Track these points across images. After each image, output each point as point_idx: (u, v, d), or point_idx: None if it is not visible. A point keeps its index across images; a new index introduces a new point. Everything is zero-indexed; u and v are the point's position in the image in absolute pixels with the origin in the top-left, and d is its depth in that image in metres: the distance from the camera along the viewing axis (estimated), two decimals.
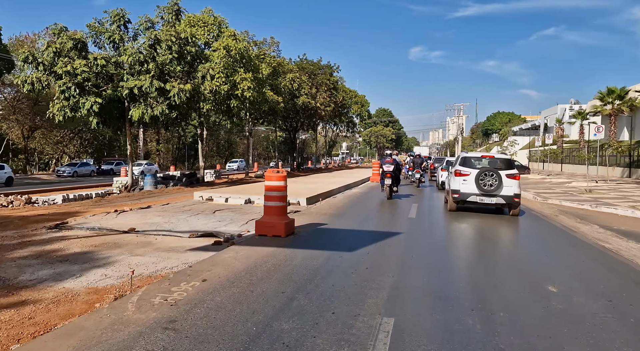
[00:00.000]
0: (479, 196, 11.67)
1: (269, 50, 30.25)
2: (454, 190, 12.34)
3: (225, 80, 22.52)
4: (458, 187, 12.21)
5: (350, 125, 58.40)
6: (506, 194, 11.47)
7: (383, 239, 8.25)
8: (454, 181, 12.49)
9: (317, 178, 26.63)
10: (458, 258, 7.07)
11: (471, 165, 12.50)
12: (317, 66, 38.93)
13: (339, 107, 42.36)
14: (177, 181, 21.08)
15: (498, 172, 11.58)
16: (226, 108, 23.77)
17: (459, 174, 12.36)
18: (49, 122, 41.42)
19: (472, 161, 12.77)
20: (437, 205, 15.24)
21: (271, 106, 29.66)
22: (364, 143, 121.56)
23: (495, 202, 11.56)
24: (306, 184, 19.97)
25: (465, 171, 12.33)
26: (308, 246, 7.27)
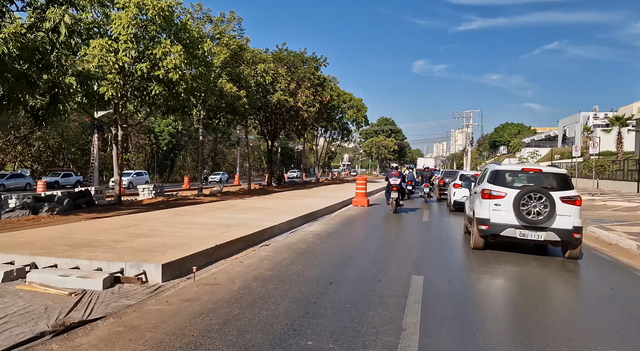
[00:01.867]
0: (520, 229, 7.98)
1: (227, 28, 23.30)
2: (482, 219, 8.42)
3: (139, 54, 15.38)
4: (487, 215, 8.37)
5: (345, 132, 51.17)
6: (561, 226, 7.83)
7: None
8: (481, 206, 8.57)
9: (281, 198, 19.32)
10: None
11: (506, 183, 8.70)
12: (299, 57, 31.87)
13: (327, 108, 35.12)
14: (56, 204, 13.74)
15: (549, 194, 7.88)
16: (147, 97, 16.58)
17: (489, 196, 8.48)
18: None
19: (508, 176, 8.92)
20: (453, 237, 10.73)
21: (228, 101, 22.49)
22: (365, 154, 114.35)
23: (544, 238, 7.88)
24: (234, 212, 12.63)
25: (498, 191, 8.44)
26: None
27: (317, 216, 13.01)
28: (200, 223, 9.74)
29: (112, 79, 14.71)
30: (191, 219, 10.40)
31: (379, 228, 11.12)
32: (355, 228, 10.97)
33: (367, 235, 9.67)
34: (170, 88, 16.42)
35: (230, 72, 23.20)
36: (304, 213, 12.28)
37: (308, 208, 13.62)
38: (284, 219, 10.60)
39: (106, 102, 16.16)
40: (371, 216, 13.94)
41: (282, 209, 13.30)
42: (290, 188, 29.93)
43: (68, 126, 42.26)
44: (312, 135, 50.89)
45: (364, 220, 12.84)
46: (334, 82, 44.36)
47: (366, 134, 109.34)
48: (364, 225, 11.84)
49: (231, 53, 23.13)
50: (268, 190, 27.53)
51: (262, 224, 9.56)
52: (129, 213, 12.85)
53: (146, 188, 23.08)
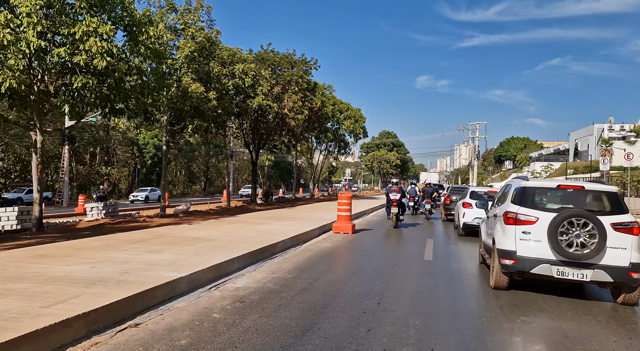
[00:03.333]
0: (558, 266, 5.94)
1: (192, 17, 19.77)
2: (505, 252, 6.30)
3: (57, 34, 11.82)
4: (513, 246, 6.23)
5: (342, 144, 47.47)
6: (614, 263, 5.85)
7: None
8: (504, 234, 6.46)
9: (246, 221, 15.56)
10: None
11: (538, 204, 6.50)
12: (286, 59, 28.37)
13: (318, 116, 31.44)
14: None
15: (597, 219, 5.87)
16: (72, 92, 12.94)
17: (515, 221, 6.31)
18: None
19: (539, 195, 6.65)
20: (465, 270, 8.25)
21: (193, 103, 18.85)
22: (367, 169, 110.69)
23: (591, 278, 5.90)
24: (145, 249, 8.85)
25: (527, 215, 6.28)
26: None
27: (274, 251, 9.21)
28: (42, 276, 5.97)
29: (12, 65, 11.08)
30: (49, 266, 6.66)
31: (359, 275, 7.32)
32: (319, 276, 7.14)
33: (333, 296, 5.87)
34: (103, 81, 12.81)
35: (198, 70, 19.60)
36: (254, 249, 8.49)
37: (266, 239, 9.83)
38: (209, 264, 6.83)
39: (12, 98, 12.50)
40: (353, 251, 10.13)
41: (225, 241, 9.51)
42: (274, 206, 26.14)
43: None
44: (306, 147, 47.25)
45: (341, 259, 9.04)
46: (329, 90, 40.96)
47: (367, 148, 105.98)
48: (338, 269, 8.03)
49: (198, 47, 19.56)
50: (246, 209, 23.74)
51: (150, 280, 5.75)
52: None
53: (95, 207, 19.36)
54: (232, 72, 23.79)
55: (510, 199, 6.97)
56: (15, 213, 15.60)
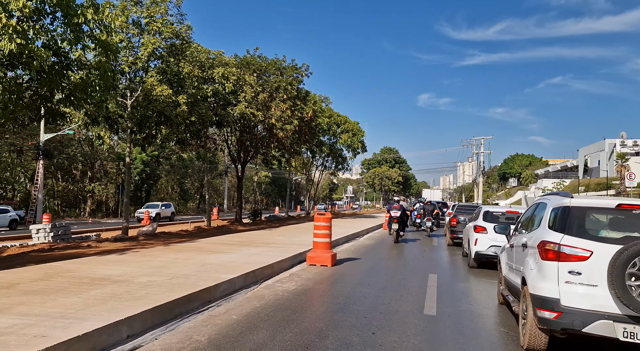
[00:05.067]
0: (627, 324, 4.20)
1: (158, 10, 17.23)
2: (544, 300, 4.55)
3: None
4: (555, 291, 4.49)
5: (340, 159, 44.76)
6: None
7: None
8: (541, 273, 4.71)
9: (204, 249, 12.76)
10: None
11: (589, 230, 4.70)
12: (274, 64, 25.87)
13: (310, 127, 28.72)
14: None
15: None
16: None
17: (558, 256, 4.54)
18: None
19: (591, 218, 4.89)
20: (482, 326, 6.30)
21: (158, 107, 16.19)
22: (368, 186, 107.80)
23: None
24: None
25: (575, 247, 4.50)
26: None
27: (211, 299, 6.38)
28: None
29: None
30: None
31: (323, 340, 4.51)
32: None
33: None
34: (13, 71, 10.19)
35: (165, 70, 17.02)
36: (173, 298, 5.70)
37: (204, 280, 7.03)
38: (62, 338, 4.03)
39: None
40: (324, 298, 7.29)
41: (137, 285, 6.73)
42: (260, 226, 23.31)
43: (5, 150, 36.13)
44: (301, 162, 44.55)
45: (299, 315, 6.18)
46: (326, 102, 38.41)
47: (369, 165, 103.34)
48: (284, 340, 5.17)
49: (165, 45, 17.02)
50: (225, 229, 20.93)
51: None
52: None
53: (42, 229, 16.59)
54: (210, 76, 21.30)
55: (547, 223, 5.05)
56: None
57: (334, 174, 54.64)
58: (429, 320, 5.79)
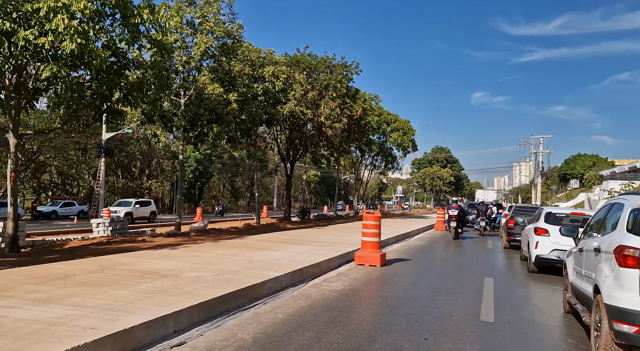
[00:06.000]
0: None
1: (211, 10, 17.49)
2: (622, 312, 3.98)
3: (15, 11, 9.78)
4: (636, 303, 3.89)
5: (390, 159, 44.06)
6: None
7: None
8: (618, 281, 4.14)
9: (251, 246, 12.74)
10: None
11: None
12: (323, 62, 25.76)
13: (359, 125, 28.38)
14: None
15: None
16: (35, 86, 10.87)
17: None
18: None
19: None
20: (547, 337, 5.79)
21: (209, 106, 16.49)
22: (418, 186, 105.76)
23: None
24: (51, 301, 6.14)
25: None
26: None
27: (257, 296, 6.30)
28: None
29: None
30: None
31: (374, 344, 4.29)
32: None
33: None
34: (70, 62, 10.60)
35: (216, 69, 17.32)
36: (219, 294, 5.65)
37: (251, 277, 6.98)
38: (108, 331, 4.05)
39: None
40: (373, 300, 7.03)
41: (185, 280, 6.76)
42: (308, 224, 23.29)
43: (71, 147, 38.18)
44: (350, 161, 44.26)
45: (347, 316, 5.95)
46: (375, 101, 37.88)
47: (419, 164, 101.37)
48: (331, 343, 4.96)
49: (218, 45, 17.32)
50: (274, 227, 21.06)
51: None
52: None
53: (102, 223, 17.34)
54: (261, 75, 21.48)
55: (625, 225, 4.56)
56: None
57: (383, 174, 53.90)
58: (487, 327, 5.40)
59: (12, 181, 11.56)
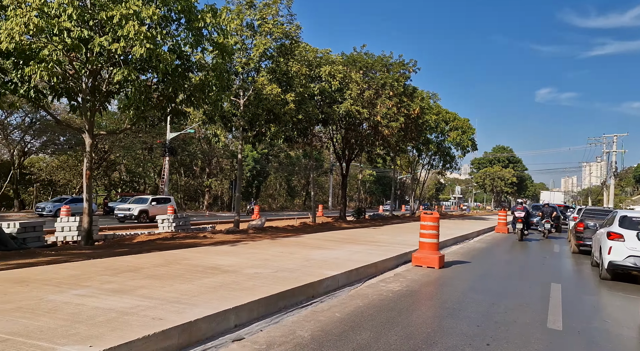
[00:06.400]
0: None
1: (270, 12, 17.81)
2: None
3: (92, 19, 10.44)
4: None
5: (448, 158, 42.98)
6: None
7: None
8: None
9: (304, 244, 12.84)
10: None
11: None
12: (380, 61, 25.52)
13: (417, 124, 27.85)
14: None
15: None
16: (108, 88, 11.54)
17: None
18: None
19: None
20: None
21: (267, 106, 16.84)
22: (478, 187, 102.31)
23: None
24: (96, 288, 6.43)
25: None
26: None
27: (315, 294, 6.35)
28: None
29: (45, 56, 9.79)
30: None
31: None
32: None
33: None
34: (139, 65, 11.17)
35: (274, 70, 17.65)
36: (278, 291, 5.76)
37: (309, 274, 7.05)
38: (173, 323, 4.26)
39: (58, 96, 11.35)
40: (431, 301, 6.88)
41: (245, 276, 6.94)
42: (363, 224, 23.21)
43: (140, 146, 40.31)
44: (406, 161, 43.59)
45: (405, 317, 5.85)
46: (433, 99, 37.07)
47: (479, 164, 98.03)
48: (389, 343, 4.90)
49: (276, 46, 17.65)
50: (329, 226, 21.16)
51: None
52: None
53: (166, 219, 18.18)
54: (317, 75, 21.66)
55: None
56: (76, 223, 14.74)
57: (441, 174, 52.61)
58: (554, 335, 5.12)
59: (87, 179, 12.39)
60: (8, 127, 32.59)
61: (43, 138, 35.33)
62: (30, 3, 9.51)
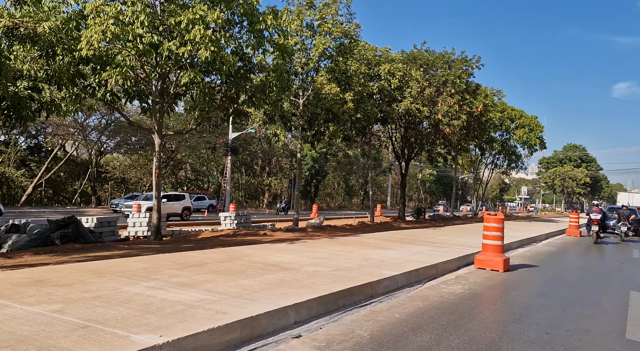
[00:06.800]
0: None
1: (330, 12, 17.82)
2: None
3: (161, 25, 10.98)
4: None
5: (513, 157, 41.18)
6: None
7: None
8: None
9: (362, 244, 12.73)
10: None
11: None
12: (441, 58, 24.84)
13: (479, 122, 26.84)
14: (24, 237, 9.73)
15: None
16: (175, 90, 12.09)
17: None
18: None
19: None
20: None
21: (326, 105, 16.94)
22: (546, 187, 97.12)
23: None
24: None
25: None
26: None
27: (373, 294, 6.31)
28: None
29: (120, 61, 10.44)
30: None
31: None
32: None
33: None
34: (207, 68, 11.62)
35: (333, 69, 17.72)
36: (336, 290, 5.79)
37: (367, 274, 7.02)
38: (235, 317, 4.39)
39: (114, 96, 12.05)
40: (495, 306, 6.61)
41: (303, 274, 7.01)
42: (423, 224, 22.77)
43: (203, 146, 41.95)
44: (468, 160, 42.24)
45: (467, 321, 5.67)
46: (498, 96, 35.67)
47: (548, 164, 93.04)
48: (450, 348, 4.77)
49: (336, 45, 17.70)
50: (388, 226, 20.96)
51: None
52: (93, 258, 8.02)
53: (228, 216, 18.80)
54: (376, 73, 21.51)
55: None
56: (146, 219, 15.60)
57: (505, 173, 50.51)
58: (635, 347, 4.75)
59: (156, 177, 13.07)
60: (87, 129, 35.08)
61: (117, 139, 37.74)
62: (108, 12, 10.17)
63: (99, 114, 33.92)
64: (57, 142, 35.85)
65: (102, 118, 35.56)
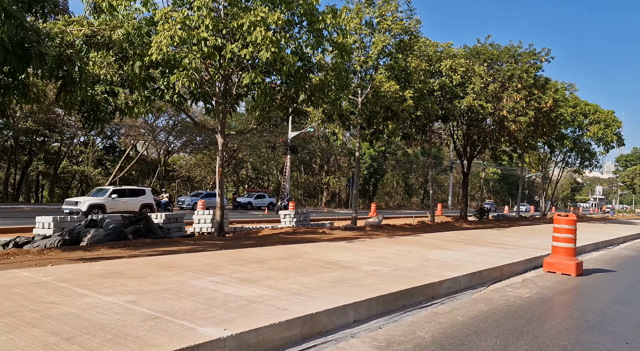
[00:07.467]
0: None
1: (389, 8, 17.50)
2: None
3: (224, 28, 11.35)
4: None
5: (587, 155, 38.68)
6: None
7: None
8: None
9: (424, 244, 12.49)
10: None
11: None
12: (507, 52, 23.72)
13: (549, 119, 25.36)
14: (101, 232, 10.43)
15: None
16: (236, 91, 12.45)
17: None
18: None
19: None
20: None
21: (386, 103, 16.74)
22: (624, 187, 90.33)
23: None
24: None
25: None
26: None
27: (434, 295, 6.16)
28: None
29: (186, 65, 10.92)
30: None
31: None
32: None
33: None
34: (267, 68, 11.86)
35: (393, 67, 17.49)
36: (395, 290, 5.71)
37: (427, 275, 6.88)
38: (293, 314, 4.45)
39: (179, 97, 12.55)
40: (566, 312, 6.24)
41: (362, 272, 6.97)
42: (486, 225, 21.96)
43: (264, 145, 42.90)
44: (536, 158, 40.18)
45: (535, 327, 5.39)
46: (569, 90, 33.63)
47: (626, 162, 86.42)
48: (526, 349, 4.54)
49: (395, 42, 17.46)
50: (449, 226, 20.41)
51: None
52: (150, 253, 8.49)
53: (288, 214, 19.11)
54: (437, 70, 21.00)
55: None
56: (210, 216, 16.18)
57: (577, 172, 47.56)
58: None
59: (219, 175, 13.55)
60: (156, 129, 37.04)
61: (183, 138, 39.54)
62: (175, 17, 10.67)
63: (167, 115, 35.70)
64: (130, 142, 38.15)
65: (170, 119, 37.41)
